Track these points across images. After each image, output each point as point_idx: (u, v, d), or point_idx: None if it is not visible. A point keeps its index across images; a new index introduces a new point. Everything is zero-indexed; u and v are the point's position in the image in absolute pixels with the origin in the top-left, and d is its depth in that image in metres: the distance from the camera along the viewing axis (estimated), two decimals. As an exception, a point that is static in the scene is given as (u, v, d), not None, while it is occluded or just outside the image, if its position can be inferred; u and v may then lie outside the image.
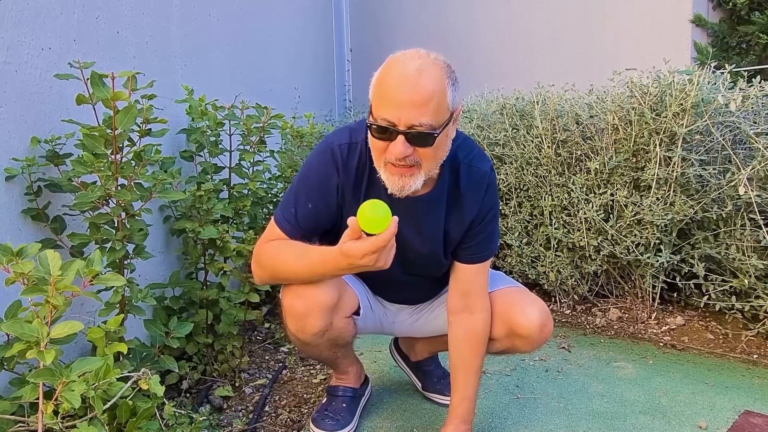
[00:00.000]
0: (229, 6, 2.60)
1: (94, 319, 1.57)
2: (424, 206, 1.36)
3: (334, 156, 1.31)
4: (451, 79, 1.18)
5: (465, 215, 1.37)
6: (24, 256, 1.03)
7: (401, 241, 1.39)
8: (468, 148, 1.38)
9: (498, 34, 4.20)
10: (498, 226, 1.44)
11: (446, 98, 1.15)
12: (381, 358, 2.13)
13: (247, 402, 1.82)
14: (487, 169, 1.37)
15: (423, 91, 1.11)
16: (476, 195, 1.36)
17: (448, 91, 1.16)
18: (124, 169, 1.44)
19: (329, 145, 1.33)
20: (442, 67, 1.17)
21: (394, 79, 1.13)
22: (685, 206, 2.16)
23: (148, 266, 1.86)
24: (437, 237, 1.39)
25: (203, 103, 1.98)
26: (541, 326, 1.43)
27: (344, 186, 1.32)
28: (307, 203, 1.34)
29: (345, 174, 1.31)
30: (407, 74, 1.12)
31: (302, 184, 1.35)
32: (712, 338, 2.27)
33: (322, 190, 1.33)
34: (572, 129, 2.44)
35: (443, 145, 1.22)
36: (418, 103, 1.11)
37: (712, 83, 2.15)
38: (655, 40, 3.54)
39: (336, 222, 1.38)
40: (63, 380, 0.96)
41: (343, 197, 1.34)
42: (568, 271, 2.51)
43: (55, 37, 1.54)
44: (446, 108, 1.16)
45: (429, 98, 1.12)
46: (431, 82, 1.13)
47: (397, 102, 1.12)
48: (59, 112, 1.54)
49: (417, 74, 1.12)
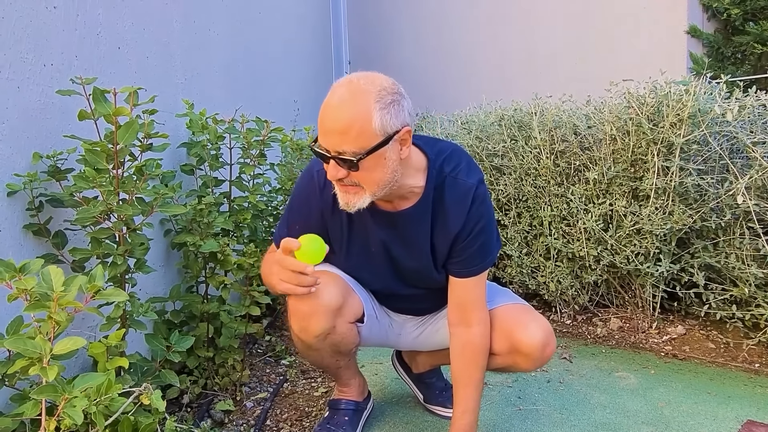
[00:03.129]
0: (228, 21, 2.63)
1: (95, 334, 1.57)
2: (408, 220, 1.39)
3: (313, 182, 1.42)
4: (383, 102, 1.19)
5: (449, 229, 1.37)
6: (26, 272, 1.03)
7: (389, 255, 1.45)
8: (456, 160, 1.38)
9: (496, 47, 4.24)
10: (492, 238, 1.42)
11: (371, 124, 1.18)
12: (382, 370, 2.13)
13: (248, 416, 1.81)
14: (473, 182, 1.36)
15: (341, 121, 1.18)
16: (460, 208, 1.36)
17: (375, 116, 1.18)
18: (126, 183, 1.44)
19: (311, 170, 1.44)
20: (371, 92, 1.19)
21: (323, 108, 1.22)
22: (683, 216, 2.17)
23: (149, 280, 1.86)
24: (424, 250, 1.41)
25: (204, 117, 1.99)
26: (543, 345, 1.43)
27: (323, 208, 1.42)
28: (295, 225, 1.44)
29: (323, 197, 1.41)
30: (331, 103, 1.21)
31: (290, 207, 1.49)
32: (714, 347, 2.27)
33: (305, 211, 1.44)
34: (570, 140, 2.45)
35: (379, 167, 1.23)
36: (338, 131, 1.18)
37: (709, 93, 2.17)
38: (651, 52, 3.58)
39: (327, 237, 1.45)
40: (65, 396, 0.96)
41: (323, 220, 1.43)
42: (568, 281, 2.52)
43: (56, 53, 1.55)
44: (372, 133, 1.19)
45: (348, 126, 1.18)
46: (351, 111, 1.18)
47: (323, 130, 1.21)
48: (61, 127, 1.55)
49: (338, 103, 1.19)
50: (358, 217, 1.39)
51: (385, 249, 1.43)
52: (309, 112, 3.55)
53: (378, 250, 1.44)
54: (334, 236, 1.45)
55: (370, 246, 1.44)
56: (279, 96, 3.26)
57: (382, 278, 1.51)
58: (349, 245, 1.45)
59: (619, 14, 3.72)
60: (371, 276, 1.52)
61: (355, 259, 1.47)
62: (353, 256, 1.47)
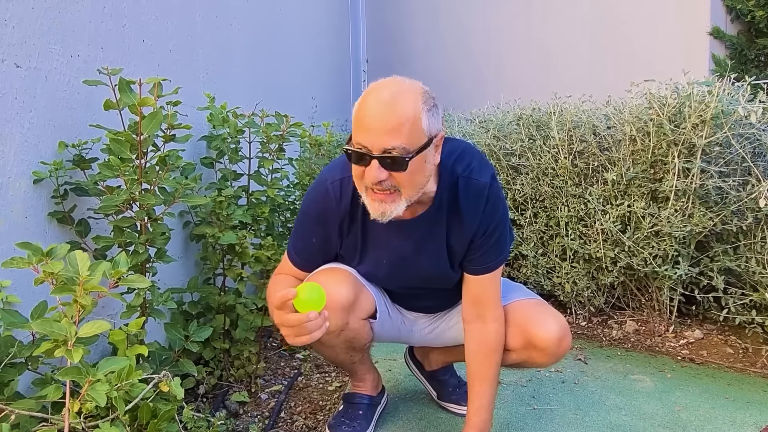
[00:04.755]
0: (249, 16, 2.65)
1: (116, 321, 1.59)
2: (423, 225, 1.37)
3: (328, 193, 1.38)
4: (428, 105, 1.19)
5: (465, 230, 1.36)
6: (53, 256, 1.05)
7: (405, 262, 1.43)
8: (467, 159, 1.36)
9: (514, 46, 4.22)
10: (506, 233, 1.41)
11: (421, 123, 1.17)
12: (396, 366, 2.13)
13: (262, 408, 1.82)
14: (486, 181, 1.34)
15: (395, 116, 1.14)
16: (476, 209, 1.34)
17: (423, 116, 1.17)
18: (149, 173, 1.46)
19: (324, 182, 1.39)
20: (418, 93, 1.19)
21: (369, 106, 1.17)
22: (704, 218, 2.14)
23: (167, 271, 1.88)
24: (441, 254, 1.40)
25: (224, 111, 2.01)
26: (559, 339, 1.42)
27: (342, 219, 1.39)
28: (311, 238, 1.43)
29: (339, 209, 1.37)
30: (381, 100, 1.16)
31: (304, 220, 1.45)
32: (732, 352, 2.24)
33: (321, 223, 1.41)
34: (589, 140, 2.43)
35: (421, 171, 1.22)
36: (391, 128, 1.14)
37: (732, 95, 2.14)
38: (673, 53, 3.54)
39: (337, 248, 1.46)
40: (89, 379, 0.98)
41: (341, 228, 1.40)
42: (584, 283, 2.50)
43: (83, 44, 1.58)
44: (421, 133, 1.17)
45: (401, 123, 1.14)
46: (404, 107, 1.15)
47: (370, 128, 1.15)
48: (86, 117, 1.57)
49: (390, 100, 1.16)
50: (372, 226, 1.37)
51: (400, 256, 1.42)
52: (326, 108, 3.57)
53: (393, 258, 1.43)
54: (350, 247, 1.44)
55: (385, 255, 1.43)
56: (297, 92, 3.28)
57: (396, 281, 1.51)
58: (363, 254, 1.44)
59: (640, 15, 3.68)
60: (385, 280, 1.52)
61: (370, 268, 1.47)
62: (368, 265, 1.46)
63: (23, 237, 1.36)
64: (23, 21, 1.37)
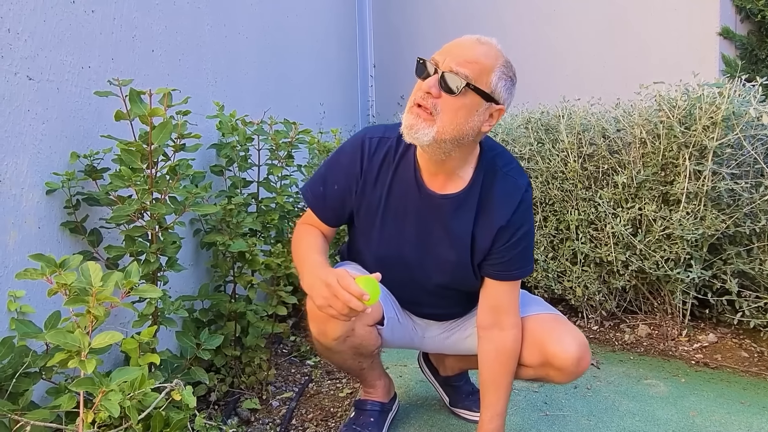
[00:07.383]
0: (257, 24, 2.66)
1: (127, 330, 1.60)
2: (453, 204, 1.36)
3: (364, 146, 1.41)
4: (506, 71, 1.27)
5: (494, 221, 1.35)
6: (66, 267, 1.06)
7: (429, 242, 1.40)
8: (508, 159, 1.42)
9: (522, 49, 4.20)
10: (532, 246, 1.42)
11: (491, 76, 1.24)
12: (407, 372, 2.13)
13: (274, 415, 1.83)
14: (523, 184, 1.37)
15: (474, 52, 1.24)
16: (509, 203, 1.35)
17: (496, 74, 1.24)
18: (159, 183, 1.47)
19: (362, 136, 1.43)
20: (503, 57, 1.27)
21: (459, 38, 1.28)
22: (716, 221, 2.12)
23: (178, 279, 1.89)
24: (465, 241, 1.38)
25: (233, 119, 2.02)
26: (578, 359, 1.37)
27: (368, 174, 1.40)
28: (334, 184, 1.43)
29: (369, 165, 1.39)
30: (470, 38, 1.28)
31: (331, 166, 1.45)
32: (747, 356, 2.21)
33: (347, 173, 1.41)
34: (599, 143, 2.42)
35: (465, 114, 1.24)
36: (465, 59, 1.22)
37: (743, 96, 2.12)
38: (682, 54, 3.51)
39: (354, 208, 1.44)
40: (103, 389, 0.98)
41: (364, 186, 1.41)
42: (595, 287, 2.48)
43: (94, 56, 1.60)
44: (487, 85, 1.24)
45: (476, 60, 1.22)
46: (486, 53, 1.25)
47: (450, 50, 1.25)
48: (97, 128, 1.59)
49: (477, 42, 1.27)
50: (399, 190, 1.38)
51: (422, 230, 1.39)
52: (335, 114, 3.58)
53: (414, 229, 1.39)
54: (370, 206, 1.41)
55: (407, 222, 1.40)
56: (305, 99, 3.29)
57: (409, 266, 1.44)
58: (384, 216, 1.41)
59: (649, 16, 3.66)
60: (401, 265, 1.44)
61: (388, 232, 1.42)
62: (386, 229, 1.42)
63: (37, 247, 1.38)
64: (35, 34, 1.39)
